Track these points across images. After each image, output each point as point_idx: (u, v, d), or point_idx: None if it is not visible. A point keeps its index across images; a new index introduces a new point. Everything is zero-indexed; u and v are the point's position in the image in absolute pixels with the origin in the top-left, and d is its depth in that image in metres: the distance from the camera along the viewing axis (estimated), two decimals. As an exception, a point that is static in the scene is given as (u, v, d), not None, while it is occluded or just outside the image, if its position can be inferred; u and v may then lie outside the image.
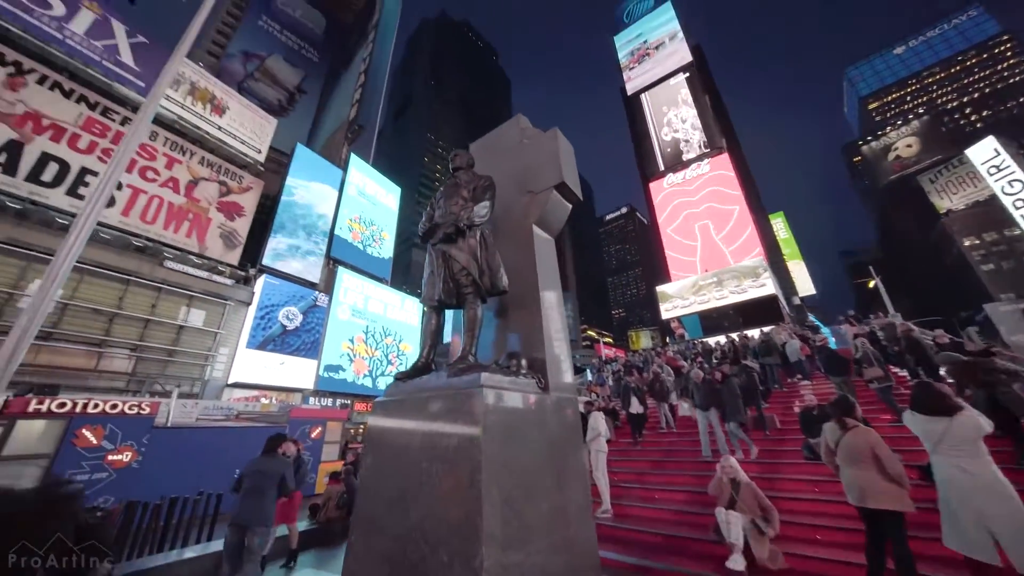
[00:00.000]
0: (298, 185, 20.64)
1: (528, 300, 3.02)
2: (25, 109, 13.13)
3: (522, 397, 2.37)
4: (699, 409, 6.97)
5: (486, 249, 2.84)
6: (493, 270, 2.79)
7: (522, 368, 2.60)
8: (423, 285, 2.92)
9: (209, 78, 19.35)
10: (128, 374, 13.19)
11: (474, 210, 2.84)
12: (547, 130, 3.68)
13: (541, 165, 3.45)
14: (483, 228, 2.91)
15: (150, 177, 15.65)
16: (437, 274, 2.82)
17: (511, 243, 3.30)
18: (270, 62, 32.59)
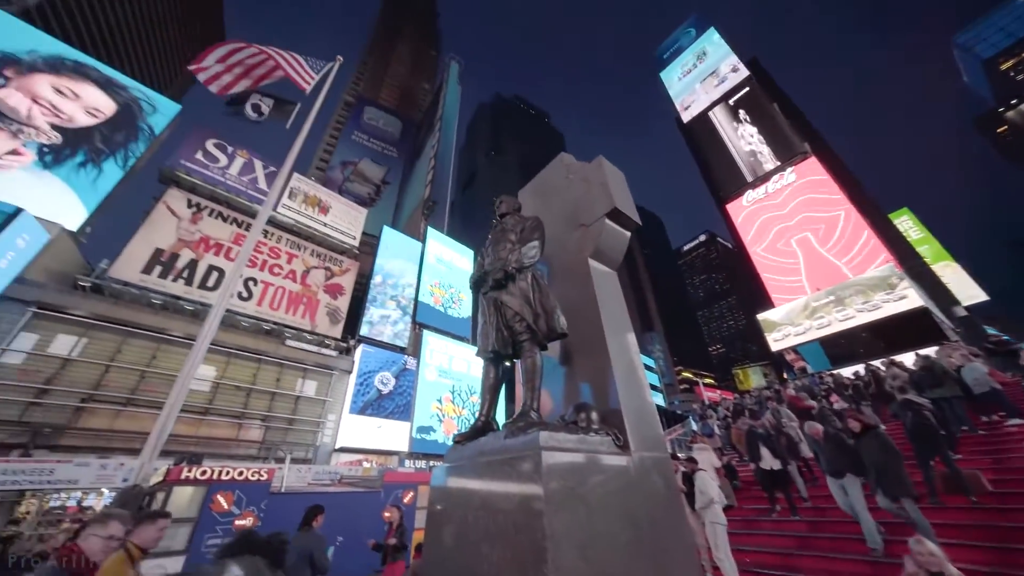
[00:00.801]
0: (386, 261, 23.31)
1: (593, 342, 2.73)
2: (201, 235, 17.35)
3: (592, 459, 2.00)
4: (828, 476, 5.26)
5: (539, 291, 2.69)
6: (548, 312, 2.60)
7: (592, 423, 2.27)
8: (478, 337, 2.84)
9: (317, 187, 23.76)
10: (259, 442, 15.12)
11: (522, 251, 2.76)
12: (591, 161, 3.59)
13: (590, 196, 3.32)
14: (534, 270, 2.79)
15: (275, 271, 19.07)
16: (490, 323, 2.72)
17: (568, 281, 3.12)
18: (361, 165, 39.10)
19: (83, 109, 14.87)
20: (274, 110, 8.48)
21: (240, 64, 6.77)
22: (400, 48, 70.18)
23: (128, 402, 12.81)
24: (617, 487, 2.00)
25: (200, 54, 6.34)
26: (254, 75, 6.96)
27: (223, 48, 6.56)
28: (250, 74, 6.90)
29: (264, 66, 7.06)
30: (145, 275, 15.02)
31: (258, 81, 7.07)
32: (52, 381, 11.87)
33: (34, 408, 11.47)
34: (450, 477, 2.32)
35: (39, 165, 13.35)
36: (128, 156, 15.61)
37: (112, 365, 12.98)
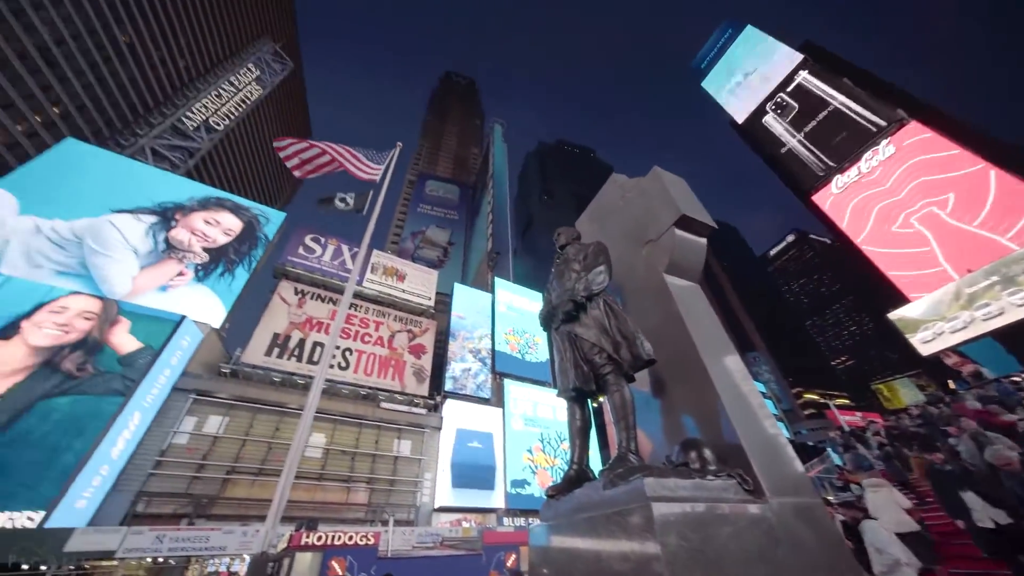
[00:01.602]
0: (460, 316, 24.43)
1: (689, 365, 2.42)
2: (306, 316, 20.08)
3: (716, 509, 1.65)
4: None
5: (615, 317, 2.50)
6: (629, 339, 2.38)
7: (708, 464, 1.93)
8: (556, 376, 2.68)
9: (393, 259, 26.45)
10: (366, 505, 15.81)
11: (589, 278, 2.64)
12: (646, 175, 3.45)
13: (652, 209, 3.14)
14: (605, 296, 2.64)
15: (366, 340, 21.01)
16: (567, 359, 2.56)
17: (645, 303, 2.89)
18: (428, 233, 42.87)
19: (222, 231, 18.84)
20: (355, 201, 9.86)
21: (316, 157, 8.26)
22: (449, 126, 78.75)
23: (260, 472, 14.49)
24: (754, 543, 1.62)
25: (287, 145, 7.95)
26: (326, 165, 8.42)
27: (304, 143, 8.13)
28: (322, 164, 8.37)
29: (333, 161, 8.47)
30: (267, 357, 17.57)
31: (324, 167, 8.53)
32: (207, 457, 14.00)
33: (196, 481, 13.52)
34: (551, 537, 2.10)
35: (195, 280, 16.95)
36: (252, 260, 19.11)
37: (247, 439, 14.97)
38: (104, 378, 11.78)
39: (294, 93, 78.48)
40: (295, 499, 14.26)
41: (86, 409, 11.12)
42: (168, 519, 12.52)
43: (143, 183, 18.07)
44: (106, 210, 16.12)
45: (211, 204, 19.30)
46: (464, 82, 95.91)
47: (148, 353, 12.85)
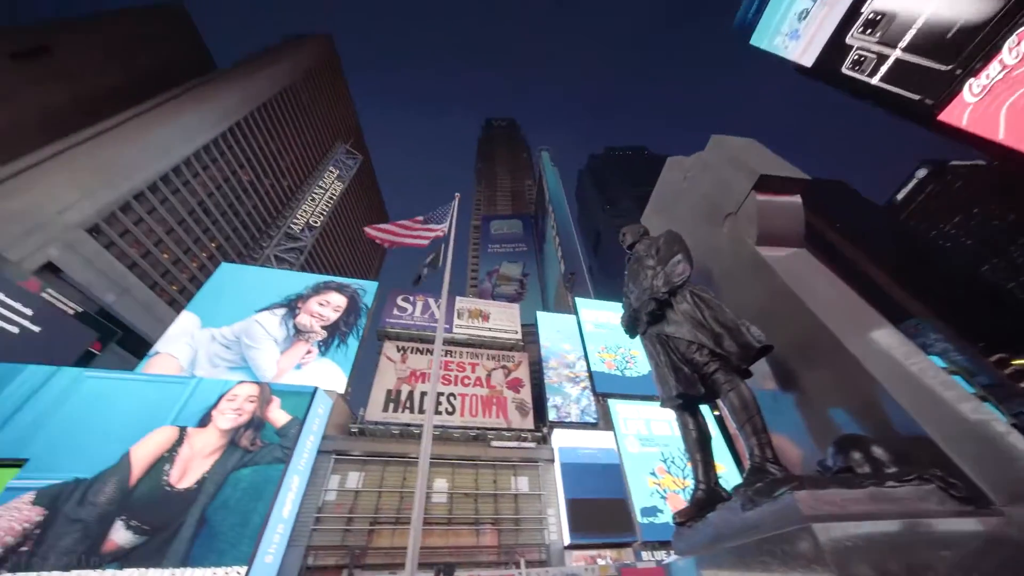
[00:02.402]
0: (549, 343, 24.30)
1: (819, 346, 1.99)
2: (410, 370, 21.89)
3: (916, 526, 1.24)
4: None
5: (707, 307, 2.20)
6: (731, 328, 2.06)
7: (883, 465, 1.50)
8: (656, 385, 2.41)
9: (475, 301, 27.81)
10: (496, 547, 15.82)
11: (667, 272, 2.39)
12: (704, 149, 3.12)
13: (723, 180, 2.80)
14: (690, 287, 2.36)
15: (466, 383, 21.95)
16: (664, 364, 2.30)
17: (742, 285, 2.52)
18: (502, 269, 44.44)
19: (332, 309, 21.94)
20: (431, 260, 10.87)
21: (395, 234, 9.41)
22: (500, 166, 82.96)
23: (397, 521, 15.57)
24: (992, 571, 1.17)
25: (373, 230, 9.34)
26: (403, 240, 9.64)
27: (385, 227, 9.38)
28: (401, 240, 9.57)
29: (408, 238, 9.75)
30: (384, 412, 19.36)
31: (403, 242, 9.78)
32: (352, 510, 15.56)
33: (347, 534, 15.03)
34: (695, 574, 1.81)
35: (319, 355, 19.79)
36: (359, 329, 21.73)
37: (382, 491, 16.32)
38: (269, 449, 14.08)
39: (366, 177, 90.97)
40: (430, 545, 14.89)
41: (262, 477, 13.31)
42: (332, 570, 13.99)
43: (273, 284, 22.11)
44: (252, 311, 19.97)
45: (321, 288, 22.69)
46: (504, 123, 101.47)
47: (296, 424, 15.09)
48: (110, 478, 11.91)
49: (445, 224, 11.07)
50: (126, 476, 12.07)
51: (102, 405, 13.65)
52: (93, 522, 11.07)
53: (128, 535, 11.14)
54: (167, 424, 13.57)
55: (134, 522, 11.34)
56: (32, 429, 12.53)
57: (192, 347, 17.77)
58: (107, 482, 11.81)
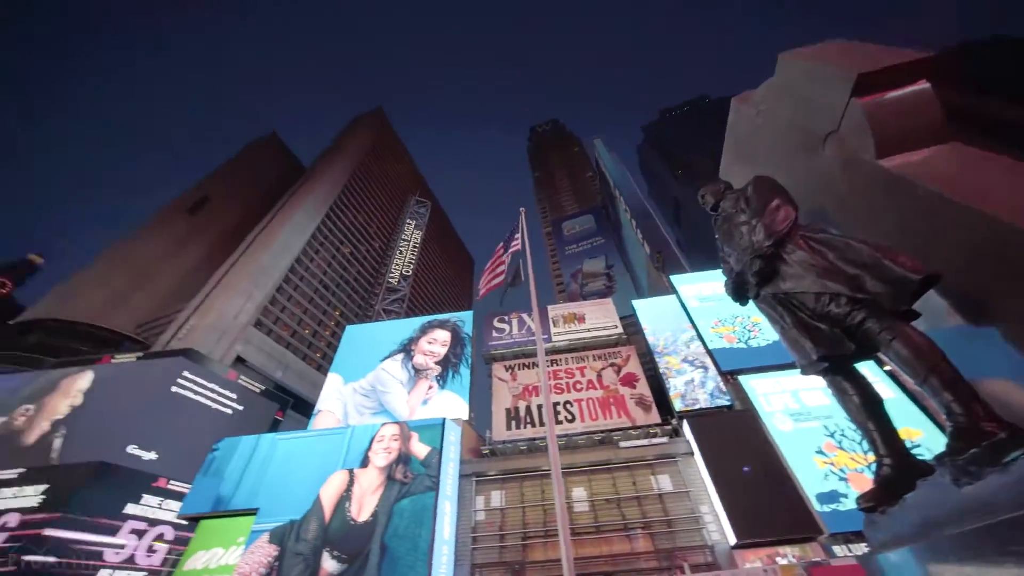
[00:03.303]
0: (654, 330, 22.85)
1: (1015, 252, 1.52)
2: (522, 386, 22.57)
3: None
4: None
5: (829, 248, 1.86)
6: (870, 264, 1.68)
7: None
8: (791, 352, 2.08)
9: (567, 305, 27.66)
10: (653, 552, 14.98)
11: (765, 223, 2.10)
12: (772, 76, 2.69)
13: (808, 99, 2.37)
14: (800, 232, 2.04)
15: (578, 388, 21.73)
16: (793, 327, 1.97)
17: (872, 211, 2.10)
18: (585, 267, 43.60)
19: (440, 344, 23.95)
20: (513, 278, 11.33)
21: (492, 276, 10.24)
22: (555, 168, 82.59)
23: (546, 534, 15.85)
24: None
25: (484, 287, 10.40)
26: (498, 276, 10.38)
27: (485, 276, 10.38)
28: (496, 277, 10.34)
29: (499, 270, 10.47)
30: (508, 431, 20.15)
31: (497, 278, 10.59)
32: (503, 528, 16.35)
33: (504, 551, 15.80)
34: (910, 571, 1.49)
35: (440, 389, 21.65)
36: (467, 358, 23.25)
37: (524, 506, 16.86)
38: (420, 479, 15.71)
39: (437, 216, 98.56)
40: (584, 555, 14.78)
41: (419, 505, 14.88)
42: (499, 587, 14.76)
43: (388, 334, 25.08)
44: (378, 361, 22.87)
45: (426, 328, 24.98)
46: (548, 126, 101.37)
47: (435, 453, 16.62)
48: (312, 518, 14.54)
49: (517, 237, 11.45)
50: (322, 515, 14.61)
51: (294, 460, 16.87)
52: (309, 554, 13.58)
53: (334, 564, 13.37)
54: (339, 468, 16.13)
55: (336, 552, 13.59)
56: (256, 484, 16.05)
57: (342, 401, 20.99)
58: (310, 521, 14.44)
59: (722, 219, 2.58)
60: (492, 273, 11.54)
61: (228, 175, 74.58)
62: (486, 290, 11.62)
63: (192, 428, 24.31)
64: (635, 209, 38.45)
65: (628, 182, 44.00)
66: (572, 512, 16.08)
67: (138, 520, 20.36)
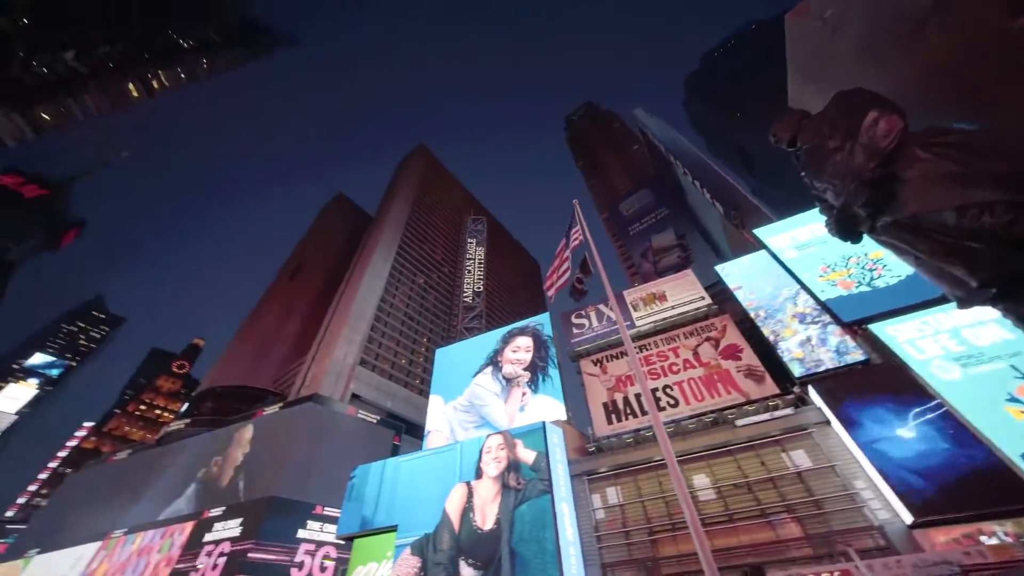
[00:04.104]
0: (749, 291, 20.65)
1: None
2: (614, 378, 21.92)
3: None
4: None
5: (958, 148, 1.54)
6: (1007, 149, 1.37)
7: None
8: (937, 285, 1.73)
9: (644, 287, 26.33)
10: (804, 538, 13.29)
11: (864, 143, 1.80)
12: None
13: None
14: (913, 141, 1.72)
15: (675, 370, 20.42)
16: (936, 254, 1.64)
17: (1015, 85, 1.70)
18: (654, 243, 41.17)
19: (524, 351, 24.41)
20: (584, 277, 11.21)
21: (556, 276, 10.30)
22: (599, 152, 79.77)
23: (673, 527, 15.03)
24: None
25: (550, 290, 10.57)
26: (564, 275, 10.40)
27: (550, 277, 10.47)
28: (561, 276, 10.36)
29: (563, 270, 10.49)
30: (610, 425, 19.65)
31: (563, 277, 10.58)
32: (625, 524, 15.90)
33: (631, 547, 15.34)
34: None
35: (533, 394, 22.00)
36: (552, 359, 23.33)
37: (644, 500, 16.22)
38: (532, 484, 16.06)
39: (495, 227, 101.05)
40: (722, 547, 13.70)
41: (537, 509, 15.20)
42: (635, 585, 14.34)
43: (475, 350, 26.27)
44: (470, 378, 24.06)
45: (508, 337, 25.66)
46: (582, 111, 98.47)
47: (542, 457, 16.87)
48: (443, 529, 15.71)
49: (576, 231, 11.31)
50: (451, 526, 15.70)
51: (417, 478, 18.45)
52: (448, 563, 14.66)
53: (471, 571, 14.24)
54: (457, 482, 17.21)
55: (471, 560, 14.46)
56: (391, 504, 17.87)
57: (447, 420, 22.45)
58: (443, 533, 15.60)
59: (805, 153, 2.28)
60: (557, 272, 11.58)
61: (312, 240, 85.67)
62: (555, 290, 11.68)
63: (332, 459, 28.01)
64: (695, 169, 35.34)
65: (681, 143, 40.70)
66: (697, 502, 15.04)
67: (308, 543, 23.93)
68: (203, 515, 25.73)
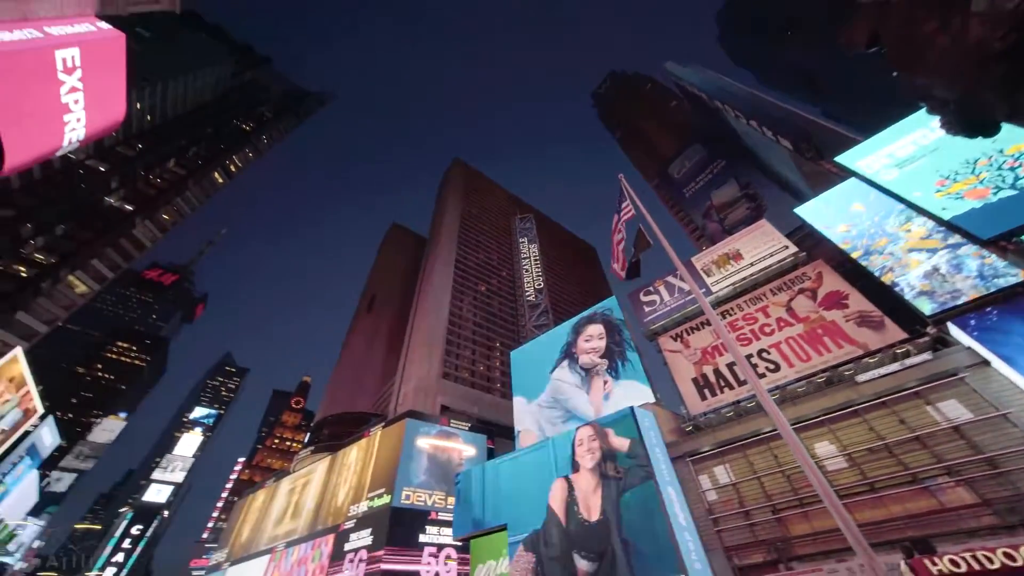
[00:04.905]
0: (842, 231, 18.02)
1: None
2: (700, 350, 20.48)
3: None
4: None
5: None
6: None
7: None
8: None
9: (714, 249, 24.27)
10: (981, 505, 11.11)
11: (980, 4, 1.44)
12: None
13: None
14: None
15: (768, 331, 18.48)
16: None
17: None
18: (715, 200, 37.84)
19: (597, 338, 23.86)
20: (638, 245, 10.63)
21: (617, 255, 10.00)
22: (635, 119, 75.40)
23: (800, 503, 13.54)
24: None
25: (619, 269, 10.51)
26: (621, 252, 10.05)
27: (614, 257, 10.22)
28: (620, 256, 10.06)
29: (619, 245, 10.13)
30: (704, 401, 18.37)
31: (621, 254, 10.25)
32: (743, 504, 14.71)
33: (754, 528, 14.14)
34: None
35: (615, 381, 21.40)
36: (628, 342, 22.50)
37: (759, 476, 14.87)
38: (632, 472, 15.60)
39: (546, 224, 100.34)
40: (869, 520, 12.03)
41: (640, 496, 14.71)
42: (766, 568, 13.20)
43: (547, 346, 26.28)
44: (548, 374, 24.14)
45: (578, 328, 25.31)
46: (606, 84, 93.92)
47: (637, 443, 16.31)
48: (551, 525, 15.93)
49: (626, 205, 10.80)
50: (558, 520, 15.86)
51: (516, 478, 18.96)
52: (561, 556, 14.82)
53: (586, 563, 14.23)
54: (556, 477, 17.35)
55: (583, 552, 14.46)
56: (497, 504, 18.59)
57: (534, 418, 22.77)
58: (551, 528, 15.83)
59: (894, 47, 1.93)
60: (618, 251, 11.21)
61: (379, 272, 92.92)
62: (623, 268, 11.25)
63: (436, 467, 29.99)
64: (748, 108, 31.69)
65: (726, 85, 36.86)
66: (826, 472, 13.39)
67: (430, 546, 25.84)
68: (340, 527, 29.13)
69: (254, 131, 62.73)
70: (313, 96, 79.94)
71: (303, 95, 78.40)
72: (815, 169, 25.10)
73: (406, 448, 30.01)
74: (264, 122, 65.88)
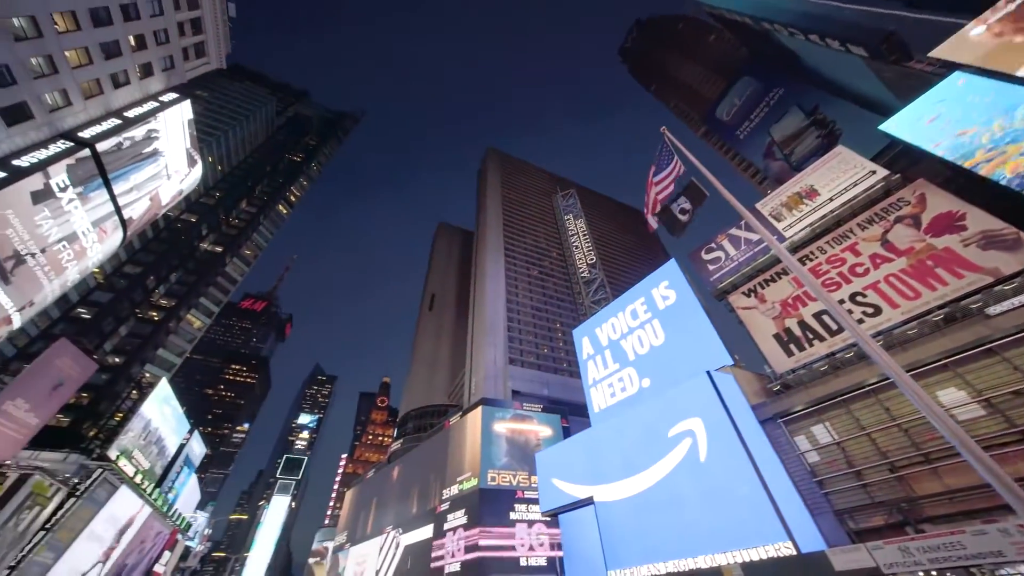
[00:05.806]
0: (945, 137, 15.19)
1: None
2: (779, 303, 18.71)
3: None
4: None
5: None
6: None
7: None
8: None
9: (783, 189, 21.76)
10: None
11: None
12: None
13: None
14: None
15: (860, 272, 16.31)
16: None
17: None
18: (775, 135, 33.83)
19: (659, 307, 22.80)
20: (692, 197, 9.89)
21: (651, 208, 9.27)
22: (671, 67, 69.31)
23: (926, 458, 11.99)
24: None
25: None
26: (655, 204, 9.36)
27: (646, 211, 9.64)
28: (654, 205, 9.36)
29: (654, 199, 9.35)
30: (790, 357, 16.83)
31: (654, 206, 9.55)
32: (852, 463, 13.39)
33: (870, 489, 12.82)
34: None
35: (683, 347, 20.35)
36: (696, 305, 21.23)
37: (870, 432, 13.38)
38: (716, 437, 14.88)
39: (590, 197, 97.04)
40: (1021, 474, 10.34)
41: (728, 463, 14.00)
42: (890, 531, 11.97)
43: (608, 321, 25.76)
44: (618, 348, 23.65)
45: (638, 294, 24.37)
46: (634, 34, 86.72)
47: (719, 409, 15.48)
48: (637, 498, 15.82)
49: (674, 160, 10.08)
50: (644, 493, 15.70)
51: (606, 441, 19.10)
52: (653, 529, 14.71)
53: (680, 533, 13.97)
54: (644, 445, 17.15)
55: (676, 523, 14.21)
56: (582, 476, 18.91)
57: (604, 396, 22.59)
58: (638, 501, 15.72)
59: None
60: (654, 198, 10.48)
61: (434, 271, 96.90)
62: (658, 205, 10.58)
63: (515, 450, 31.20)
64: (805, 22, 27.45)
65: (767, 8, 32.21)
66: (959, 423, 11.66)
67: (521, 523, 27.15)
68: (436, 510, 31.67)
69: (304, 160, 67.95)
70: (348, 116, 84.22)
71: (339, 117, 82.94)
72: (900, 73, 21.15)
73: (485, 433, 31.50)
74: (311, 150, 71.00)
